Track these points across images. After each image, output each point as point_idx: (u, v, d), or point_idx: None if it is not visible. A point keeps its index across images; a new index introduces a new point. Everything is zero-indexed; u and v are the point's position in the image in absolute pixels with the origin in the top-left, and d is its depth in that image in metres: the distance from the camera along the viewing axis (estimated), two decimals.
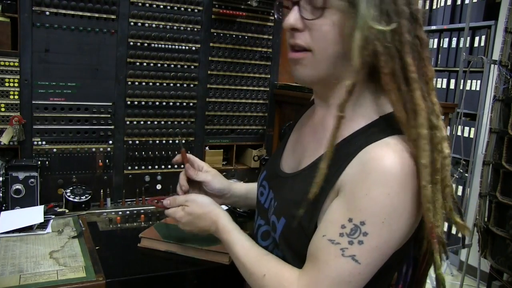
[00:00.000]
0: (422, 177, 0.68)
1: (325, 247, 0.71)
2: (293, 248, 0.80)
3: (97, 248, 1.13)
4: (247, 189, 1.16)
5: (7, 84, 1.36)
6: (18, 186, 1.32)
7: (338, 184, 0.73)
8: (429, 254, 0.85)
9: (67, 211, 1.39)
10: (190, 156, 1.11)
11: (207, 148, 1.70)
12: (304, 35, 0.77)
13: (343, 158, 0.74)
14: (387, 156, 0.69)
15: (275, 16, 0.87)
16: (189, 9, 1.58)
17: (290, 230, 0.80)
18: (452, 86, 3.51)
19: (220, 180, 1.11)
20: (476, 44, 3.34)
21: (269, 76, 1.78)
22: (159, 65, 1.55)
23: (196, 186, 1.09)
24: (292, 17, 0.77)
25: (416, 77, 0.72)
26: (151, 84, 1.55)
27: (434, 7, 3.78)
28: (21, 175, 1.33)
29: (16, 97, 1.37)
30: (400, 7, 0.72)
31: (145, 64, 1.53)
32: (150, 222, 1.36)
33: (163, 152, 1.61)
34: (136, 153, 1.57)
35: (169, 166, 1.63)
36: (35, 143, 1.42)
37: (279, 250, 0.84)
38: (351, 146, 0.74)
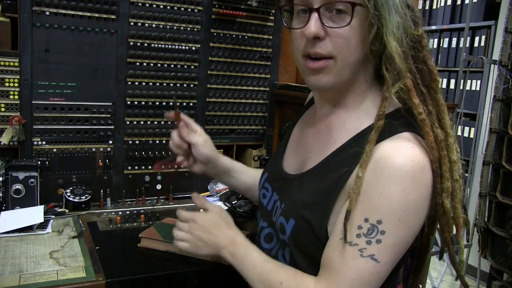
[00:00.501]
0: (444, 172, 0.72)
1: (343, 249, 0.71)
2: (303, 250, 0.80)
3: (97, 248, 1.13)
4: (232, 166, 1.15)
5: (7, 84, 1.36)
6: (18, 186, 1.32)
7: (349, 184, 0.74)
8: (426, 241, 0.87)
9: (67, 211, 1.39)
10: (184, 117, 1.09)
11: None
12: (325, 43, 0.75)
13: (352, 157, 0.75)
14: (399, 153, 0.70)
15: (284, 24, 0.86)
16: (189, 9, 1.58)
17: (300, 231, 0.80)
18: (452, 86, 3.51)
19: (210, 146, 1.09)
20: (476, 44, 3.34)
21: (269, 76, 1.79)
22: (159, 65, 1.55)
23: (185, 149, 1.08)
24: (314, 26, 0.74)
25: (439, 80, 0.77)
26: (151, 84, 1.55)
27: (434, 7, 3.78)
28: (21, 175, 1.33)
29: (16, 97, 1.37)
30: (417, 13, 0.75)
31: (145, 64, 1.53)
32: (150, 222, 1.36)
33: (163, 152, 1.61)
34: (136, 153, 1.57)
35: (169, 166, 1.62)
36: (35, 143, 1.42)
37: (285, 252, 0.84)
38: (359, 145, 0.74)
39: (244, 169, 1.17)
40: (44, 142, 1.43)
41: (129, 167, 1.57)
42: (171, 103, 1.59)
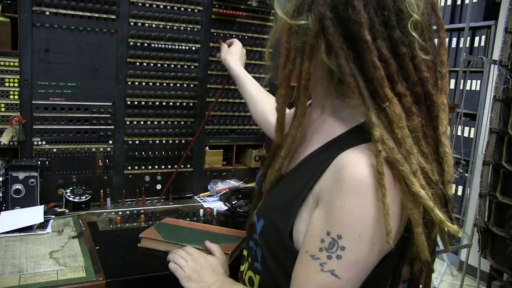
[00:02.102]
0: (411, 182, 0.64)
1: (307, 263, 0.69)
2: (271, 251, 0.79)
3: (97, 248, 1.13)
4: (238, 76, 1.46)
5: (7, 84, 1.36)
6: (18, 186, 1.32)
7: (316, 191, 0.71)
8: (427, 272, 0.83)
9: (67, 211, 1.39)
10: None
11: (207, 148, 1.70)
12: None
13: (321, 163, 0.72)
14: (361, 164, 0.65)
15: None
16: (189, 9, 1.57)
17: (267, 232, 0.79)
18: (452, 86, 3.51)
19: (230, 56, 1.49)
20: (476, 44, 3.34)
21: (269, 76, 1.78)
22: (159, 65, 1.55)
23: None
24: None
25: (304, 86, 0.73)
26: (151, 84, 1.55)
27: None
28: (21, 175, 1.33)
29: (16, 97, 1.37)
30: (318, 7, 0.68)
31: (145, 64, 1.53)
32: (150, 222, 1.36)
33: (163, 152, 1.61)
34: (136, 153, 1.57)
35: (169, 166, 1.63)
36: (35, 143, 1.42)
37: (258, 251, 0.84)
38: (330, 151, 0.72)
39: (246, 81, 1.43)
40: (44, 142, 1.43)
41: (129, 167, 1.56)
42: (171, 103, 1.59)
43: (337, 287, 0.67)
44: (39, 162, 1.39)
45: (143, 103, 1.55)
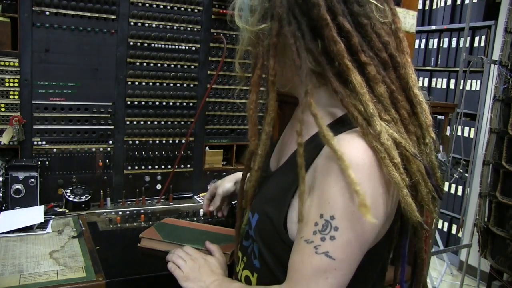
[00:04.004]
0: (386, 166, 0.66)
1: (302, 248, 0.70)
2: (268, 245, 0.80)
3: (97, 248, 1.13)
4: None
5: (7, 84, 1.36)
6: (18, 186, 1.32)
7: (307, 179, 0.73)
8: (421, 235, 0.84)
9: (67, 211, 1.39)
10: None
11: (207, 148, 1.70)
12: None
13: (311, 153, 0.74)
14: (351, 147, 0.67)
15: None
16: (189, 9, 1.58)
17: (262, 226, 0.81)
18: (452, 86, 3.51)
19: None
20: (476, 44, 3.34)
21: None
22: (159, 65, 1.55)
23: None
24: None
25: (271, 81, 0.78)
26: (151, 84, 1.55)
27: (434, 7, 3.78)
28: (21, 175, 1.33)
29: (16, 97, 1.37)
30: (276, 9, 0.74)
31: (145, 64, 1.53)
32: (150, 222, 1.36)
33: (163, 152, 1.61)
34: (136, 153, 1.57)
35: (169, 166, 1.63)
36: (35, 143, 1.42)
37: (255, 247, 0.84)
38: (319, 140, 0.73)
39: None
40: (44, 142, 1.43)
41: (129, 167, 1.56)
42: (171, 103, 1.59)
43: (332, 268, 0.68)
44: (39, 162, 1.40)
45: (143, 103, 1.55)
